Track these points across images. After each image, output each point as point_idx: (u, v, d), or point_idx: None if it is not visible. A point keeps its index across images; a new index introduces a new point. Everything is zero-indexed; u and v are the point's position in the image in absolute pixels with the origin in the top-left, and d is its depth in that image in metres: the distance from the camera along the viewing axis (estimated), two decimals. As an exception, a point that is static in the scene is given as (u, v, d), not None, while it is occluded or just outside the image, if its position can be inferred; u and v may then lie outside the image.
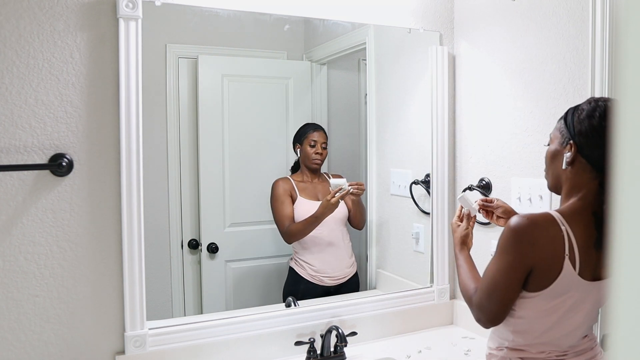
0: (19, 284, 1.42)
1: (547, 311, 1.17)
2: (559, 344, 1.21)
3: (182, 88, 1.95)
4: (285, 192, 2.04)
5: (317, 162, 2.09)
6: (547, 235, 1.12)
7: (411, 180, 2.06)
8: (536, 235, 1.12)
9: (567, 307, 1.17)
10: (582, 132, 1.14)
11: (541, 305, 1.17)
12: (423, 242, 2.04)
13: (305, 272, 2.02)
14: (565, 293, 1.15)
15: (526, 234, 1.12)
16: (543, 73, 1.66)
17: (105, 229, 1.50)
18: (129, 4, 1.46)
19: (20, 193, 1.41)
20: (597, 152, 1.13)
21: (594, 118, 1.13)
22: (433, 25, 1.98)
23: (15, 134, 1.40)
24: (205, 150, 1.99)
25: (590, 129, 1.13)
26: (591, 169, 1.15)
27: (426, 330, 1.96)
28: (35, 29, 1.40)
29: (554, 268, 1.12)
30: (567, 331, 1.20)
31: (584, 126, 1.14)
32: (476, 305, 1.23)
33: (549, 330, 1.19)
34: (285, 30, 2.09)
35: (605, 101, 1.16)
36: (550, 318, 1.18)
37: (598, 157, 1.13)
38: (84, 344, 1.49)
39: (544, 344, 1.21)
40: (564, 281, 1.13)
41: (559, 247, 1.12)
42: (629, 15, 0.31)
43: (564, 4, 1.57)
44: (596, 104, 1.15)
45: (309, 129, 2.10)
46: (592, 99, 1.19)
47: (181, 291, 1.96)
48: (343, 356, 1.70)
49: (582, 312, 1.19)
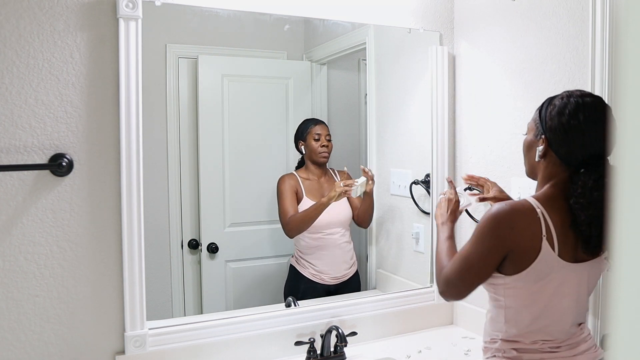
0: (19, 284, 1.42)
1: (532, 296, 1.20)
2: (549, 331, 1.22)
3: (182, 88, 1.95)
4: (291, 188, 2.03)
5: (325, 154, 2.07)
6: (525, 219, 1.16)
7: (411, 180, 2.06)
8: (515, 219, 1.16)
9: (552, 291, 1.19)
10: (552, 129, 1.19)
11: (526, 290, 1.19)
12: (423, 242, 2.04)
13: (306, 271, 2.02)
14: (547, 275, 1.17)
15: (505, 219, 1.17)
16: (543, 73, 1.66)
17: (105, 229, 1.50)
18: (129, 4, 1.46)
19: (20, 193, 1.41)
20: (564, 149, 1.18)
21: (563, 115, 1.17)
22: (433, 25, 1.98)
23: (15, 134, 1.40)
24: (205, 150, 1.99)
25: (559, 126, 1.18)
26: (561, 163, 1.20)
27: (426, 330, 1.96)
28: (35, 29, 1.40)
29: (533, 249, 1.16)
30: (556, 317, 1.22)
31: (554, 123, 1.19)
32: (445, 280, 1.27)
33: (538, 318, 1.21)
34: (285, 30, 2.09)
35: (578, 97, 1.18)
36: (536, 304, 1.20)
37: (565, 154, 1.19)
38: (84, 344, 1.49)
39: (535, 333, 1.22)
40: (544, 262, 1.16)
41: (537, 229, 1.16)
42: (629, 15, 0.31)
43: (564, 4, 1.57)
44: (568, 100, 1.19)
45: (310, 124, 2.08)
46: (565, 93, 1.22)
47: (181, 291, 1.96)
48: (343, 356, 1.70)
49: (568, 297, 1.21)
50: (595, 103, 1.18)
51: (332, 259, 2.05)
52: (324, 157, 2.07)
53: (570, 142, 1.17)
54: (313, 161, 2.08)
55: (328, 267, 2.03)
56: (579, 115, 1.15)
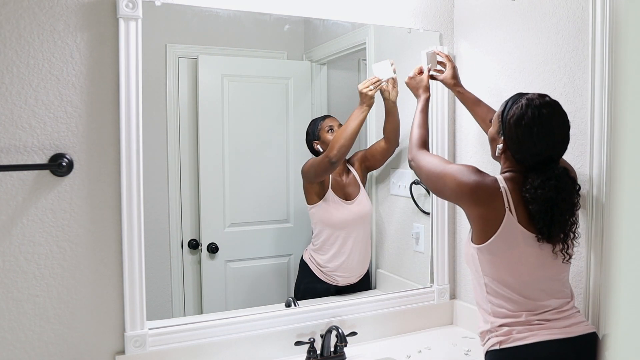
0: (19, 284, 1.42)
1: (506, 266, 1.32)
2: (527, 295, 1.32)
3: (182, 88, 1.94)
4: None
5: None
6: (488, 189, 1.31)
7: (411, 180, 2.06)
8: (480, 189, 1.32)
9: (522, 260, 1.31)
10: (509, 136, 1.34)
11: (498, 259, 1.32)
12: (423, 242, 2.04)
13: (319, 270, 2.00)
14: (514, 244, 1.30)
15: (472, 188, 1.32)
16: (543, 73, 1.66)
17: (105, 229, 1.50)
18: (129, 4, 1.46)
19: (20, 193, 1.41)
20: (518, 155, 1.33)
21: (519, 127, 1.30)
22: (433, 25, 1.98)
23: (15, 134, 1.40)
24: (205, 150, 1.99)
25: (515, 136, 1.32)
26: (516, 162, 1.35)
27: (426, 330, 1.96)
28: (35, 29, 1.40)
29: (497, 218, 1.30)
30: (532, 288, 1.32)
31: (511, 132, 1.32)
32: (415, 159, 1.51)
33: (515, 289, 1.32)
34: (285, 30, 2.09)
35: (535, 107, 1.29)
36: (511, 274, 1.32)
37: (519, 159, 1.34)
38: (84, 344, 1.49)
39: (514, 302, 1.32)
40: (508, 230, 1.29)
41: (500, 201, 1.30)
42: (629, 15, 0.31)
43: (564, 4, 1.57)
44: (525, 110, 1.30)
45: (318, 121, 2.07)
46: (525, 101, 1.32)
47: (181, 291, 1.96)
48: (343, 356, 1.70)
49: (541, 269, 1.32)
50: (550, 115, 1.29)
51: (347, 259, 2.02)
52: None
53: (523, 150, 1.32)
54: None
55: (342, 269, 2.01)
56: (533, 128, 1.29)
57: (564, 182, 1.29)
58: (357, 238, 2.03)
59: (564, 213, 1.29)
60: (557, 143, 1.31)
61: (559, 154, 1.33)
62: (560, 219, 1.29)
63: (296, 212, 2.04)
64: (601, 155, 1.45)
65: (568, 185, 1.30)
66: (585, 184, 1.51)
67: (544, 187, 1.27)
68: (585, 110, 1.51)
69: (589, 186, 1.50)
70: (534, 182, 1.28)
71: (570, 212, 1.31)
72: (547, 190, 1.27)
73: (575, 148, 1.55)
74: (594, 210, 1.48)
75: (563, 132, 1.31)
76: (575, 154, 1.55)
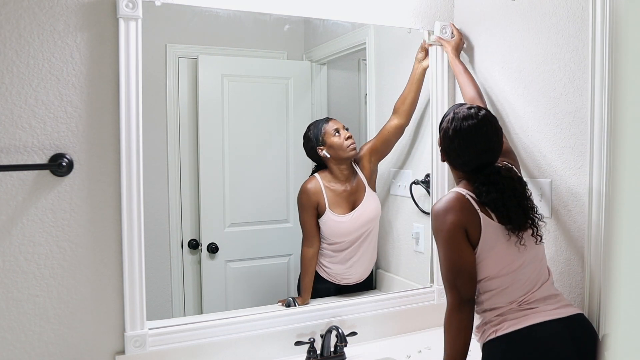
0: (19, 284, 1.42)
1: (491, 263, 1.37)
2: (515, 284, 1.38)
3: (182, 88, 1.95)
4: (310, 203, 1.93)
5: (353, 146, 1.94)
6: (461, 204, 1.38)
7: (411, 180, 2.06)
8: (456, 206, 1.38)
9: (502, 252, 1.37)
10: (442, 146, 1.46)
11: (489, 260, 1.37)
12: (423, 242, 2.04)
13: (322, 270, 1.99)
14: (496, 241, 1.37)
15: (446, 212, 1.38)
16: (543, 73, 1.66)
17: (105, 229, 1.50)
18: (129, 4, 1.46)
19: (20, 193, 1.41)
20: (451, 164, 1.46)
21: (445, 140, 1.43)
22: (433, 25, 1.98)
23: (15, 134, 1.40)
24: (205, 150, 1.99)
25: (443, 149, 1.45)
26: (456, 169, 1.46)
27: (426, 330, 1.96)
28: (35, 29, 1.40)
29: (476, 223, 1.37)
30: (513, 268, 1.38)
31: (442, 143, 1.45)
32: (449, 287, 1.41)
33: (500, 276, 1.38)
34: (285, 30, 2.09)
35: (458, 121, 1.39)
36: (500, 268, 1.38)
37: (455, 166, 1.45)
38: (84, 344, 1.49)
39: (505, 294, 1.38)
40: (489, 230, 1.37)
41: (471, 208, 1.38)
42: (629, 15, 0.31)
43: (564, 4, 1.57)
44: (450, 124, 1.41)
45: (320, 124, 1.97)
46: (452, 115, 1.43)
47: (181, 291, 1.96)
48: (343, 356, 1.70)
49: (519, 255, 1.38)
50: (471, 127, 1.38)
51: (352, 262, 2.00)
52: (353, 149, 1.94)
53: (452, 161, 1.45)
54: (342, 159, 1.95)
55: (346, 271, 2.00)
56: (454, 141, 1.40)
57: (504, 179, 1.39)
58: (366, 243, 2.00)
59: (520, 204, 1.39)
60: (481, 152, 1.40)
61: (490, 160, 1.42)
62: (519, 211, 1.38)
63: (296, 212, 2.04)
64: (601, 156, 1.45)
65: (511, 181, 1.40)
66: (585, 184, 1.51)
67: (489, 190, 1.38)
68: (585, 110, 1.51)
69: (588, 186, 1.50)
70: (475, 181, 1.40)
71: (524, 200, 1.41)
72: (492, 191, 1.37)
73: (575, 148, 1.55)
74: (594, 211, 1.48)
75: (486, 144, 1.40)
76: (575, 154, 1.55)
